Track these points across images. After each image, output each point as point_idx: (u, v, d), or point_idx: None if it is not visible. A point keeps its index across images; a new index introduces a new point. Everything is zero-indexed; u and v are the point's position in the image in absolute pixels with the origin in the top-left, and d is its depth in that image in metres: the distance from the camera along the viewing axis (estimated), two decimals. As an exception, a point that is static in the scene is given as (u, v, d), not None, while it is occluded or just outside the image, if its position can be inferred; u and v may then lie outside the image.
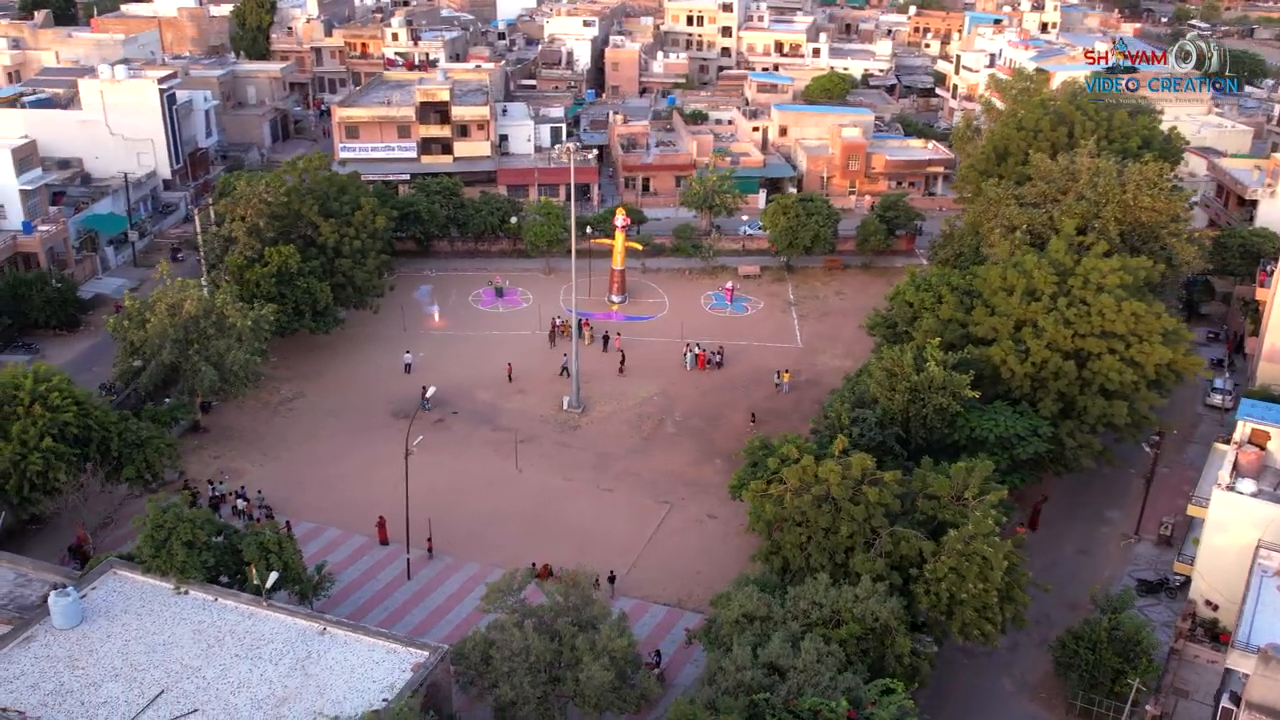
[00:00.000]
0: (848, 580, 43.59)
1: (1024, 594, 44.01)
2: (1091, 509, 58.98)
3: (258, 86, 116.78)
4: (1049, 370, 54.94)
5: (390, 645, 40.84)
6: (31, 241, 76.01)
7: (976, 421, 53.91)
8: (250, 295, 67.72)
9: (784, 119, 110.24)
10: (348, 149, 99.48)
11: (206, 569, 44.17)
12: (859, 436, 52.58)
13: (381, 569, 52.91)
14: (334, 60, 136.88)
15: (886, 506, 44.70)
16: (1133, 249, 64.13)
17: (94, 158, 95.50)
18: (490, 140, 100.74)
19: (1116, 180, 63.24)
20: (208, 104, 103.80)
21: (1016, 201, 66.86)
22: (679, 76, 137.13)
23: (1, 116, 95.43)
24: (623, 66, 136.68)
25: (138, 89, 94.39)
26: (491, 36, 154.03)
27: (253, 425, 65.33)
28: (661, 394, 69.94)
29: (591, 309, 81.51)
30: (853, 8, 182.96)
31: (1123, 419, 54.36)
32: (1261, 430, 49.60)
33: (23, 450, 49.36)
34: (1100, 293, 54.98)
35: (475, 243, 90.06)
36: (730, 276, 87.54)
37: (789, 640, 40.32)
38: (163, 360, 59.58)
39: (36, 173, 79.87)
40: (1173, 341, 55.38)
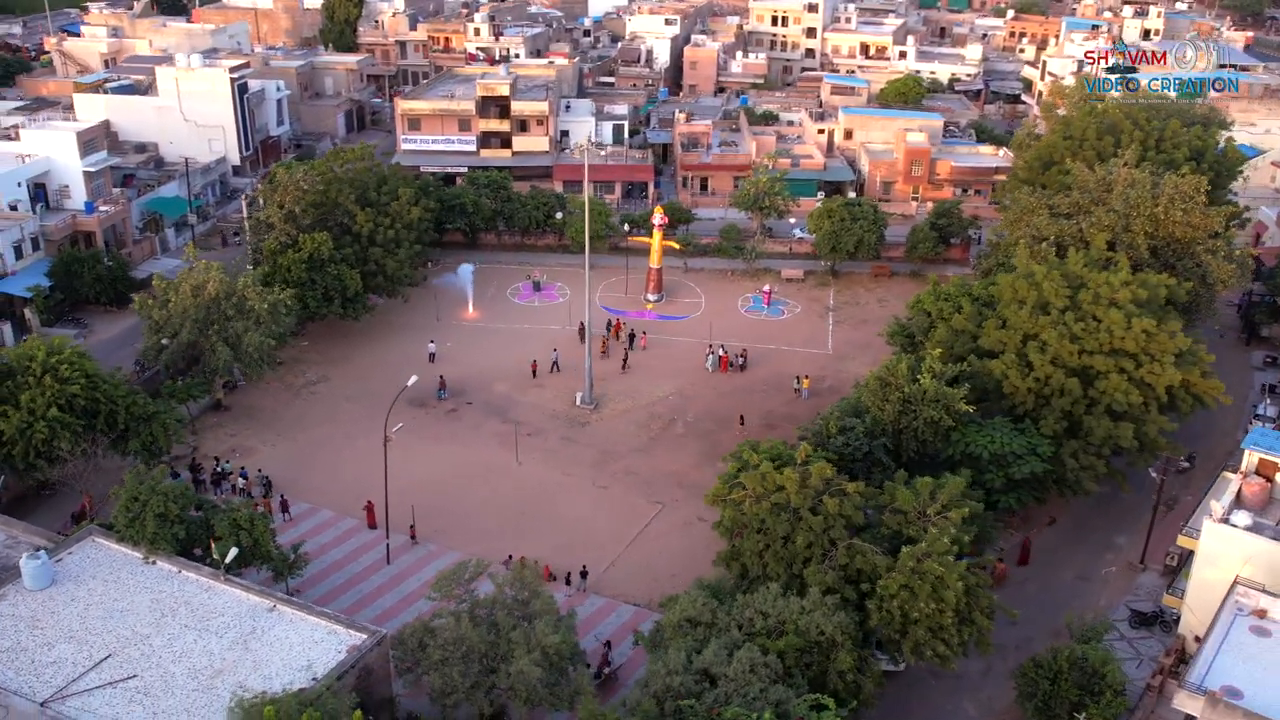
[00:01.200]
0: (802, 591, 42.74)
1: (985, 618, 42.44)
2: (1100, 534, 56.57)
3: (335, 78, 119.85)
4: (1052, 387, 52.90)
5: (332, 626, 41.48)
6: (90, 221, 79.41)
7: (972, 437, 52.25)
8: (282, 279, 69.69)
9: (850, 122, 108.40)
10: (409, 141, 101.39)
11: (178, 541, 45.55)
12: (843, 446, 51.48)
13: (364, 552, 53.82)
14: (418, 54, 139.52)
15: (848, 518, 43.66)
16: (1166, 265, 61.33)
17: (168, 143, 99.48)
18: (549, 135, 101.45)
19: (1148, 192, 60.44)
20: (280, 93, 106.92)
21: (1049, 211, 64.50)
22: (757, 77, 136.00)
23: (85, 101, 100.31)
24: (701, 65, 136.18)
25: (210, 77, 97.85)
26: (577, 33, 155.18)
27: (273, 406, 67.11)
28: (678, 394, 69.53)
29: (626, 307, 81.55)
30: (952, 11, 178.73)
31: (1128, 442, 52.03)
32: (1270, 461, 47.00)
33: (30, 418, 51.62)
34: (1112, 308, 52.68)
35: (522, 237, 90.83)
36: (772, 279, 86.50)
37: (726, 648, 39.75)
38: (182, 339, 61.66)
39: (101, 155, 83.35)
40: (1187, 363, 52.77)
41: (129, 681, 38.72)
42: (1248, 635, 39.39)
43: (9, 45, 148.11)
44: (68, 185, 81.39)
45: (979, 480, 51.96)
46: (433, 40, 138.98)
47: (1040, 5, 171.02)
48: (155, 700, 37.99)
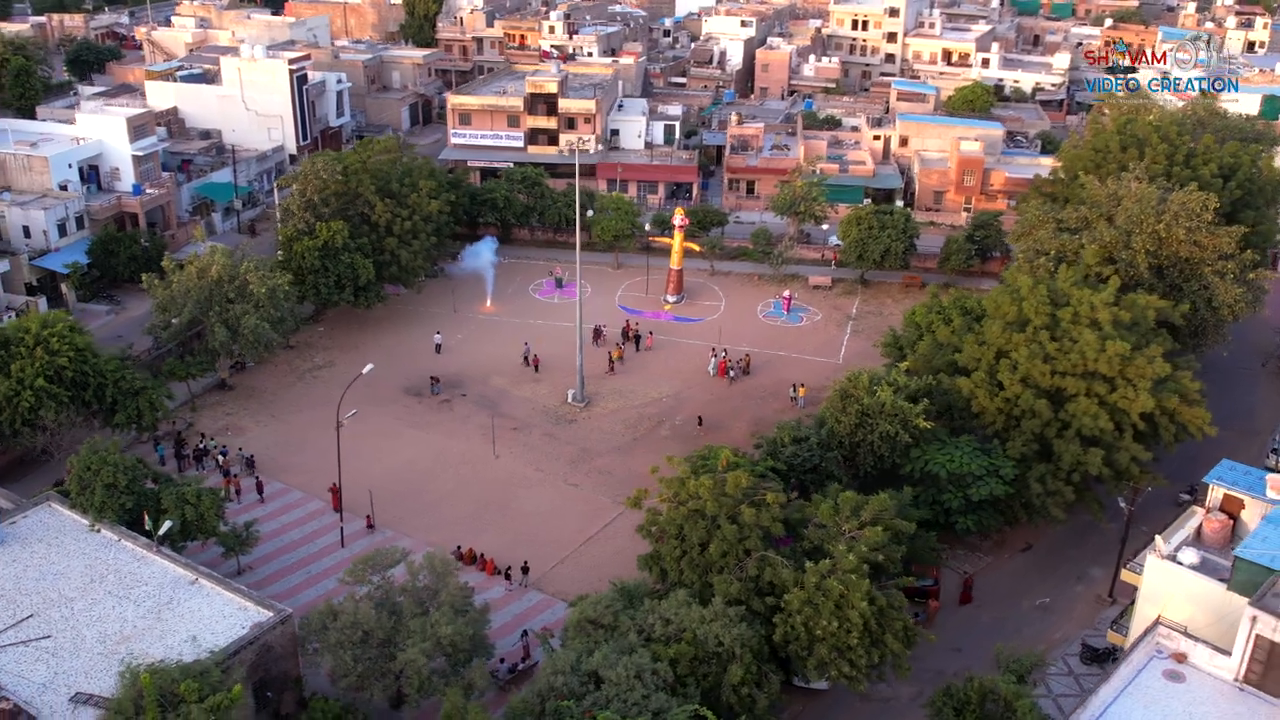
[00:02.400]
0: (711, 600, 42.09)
1: (897, 640, 41.06)
2: (1074, 564, 54.23)
3: (402, 72, 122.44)
4: (1021, 408, 50.91)
5: (244, 603, 42.51)
6: (133, 202, 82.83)
7: (931, 455, 50.77)
8: (297, 265, 71.67)
9: (905, 128, 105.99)
10: (459, 135, 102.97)
11: (125, 511, 47.27)
12: (792, 456, 50.55)
13: (323, 534, 54.94)
14: (494, 50, 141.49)
15: (765, 529, 42.79)
16: (1172, 286, 58.38)
17: (231, 130, 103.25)
18: (596, 134, 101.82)
19: (1151, 208, 57.56)
20: (340, 85, 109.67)
21: (1057, 225, 62.04)
22: (829, 81, 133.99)
23: (156, 88, 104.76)
24: (773, 68, 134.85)
25: (271, 68, 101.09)
26: (657, 33, 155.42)
27: (274, 388, 68.98)
28: (673, 397, 69.10)
29: (644, 307, 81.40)
30: (1050, 19, 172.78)
31: (1097, 468, 49.74)
32: (1235, 498, 44.41)
33: (18, 387, 54.20)
34: (1087, 329, 50.42)
35: (554, 233, 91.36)
36: (798, 285, 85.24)
37: (619, 651, 39.42)
38: (183, 319, 63.93)
39: (151, 140, 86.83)
40: (1168, 390, 50.12)
41: (42, 641, 40.38)
42: (1159, 680, 37.32)
43: (115, 34, 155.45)
44: (118, 168, 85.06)
45: (937, 500, 50.55)
46: (508, 37, 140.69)
47: (1143, 15, 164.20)
48: (61, 661, 39.55)
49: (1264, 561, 39.42)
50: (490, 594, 51.20)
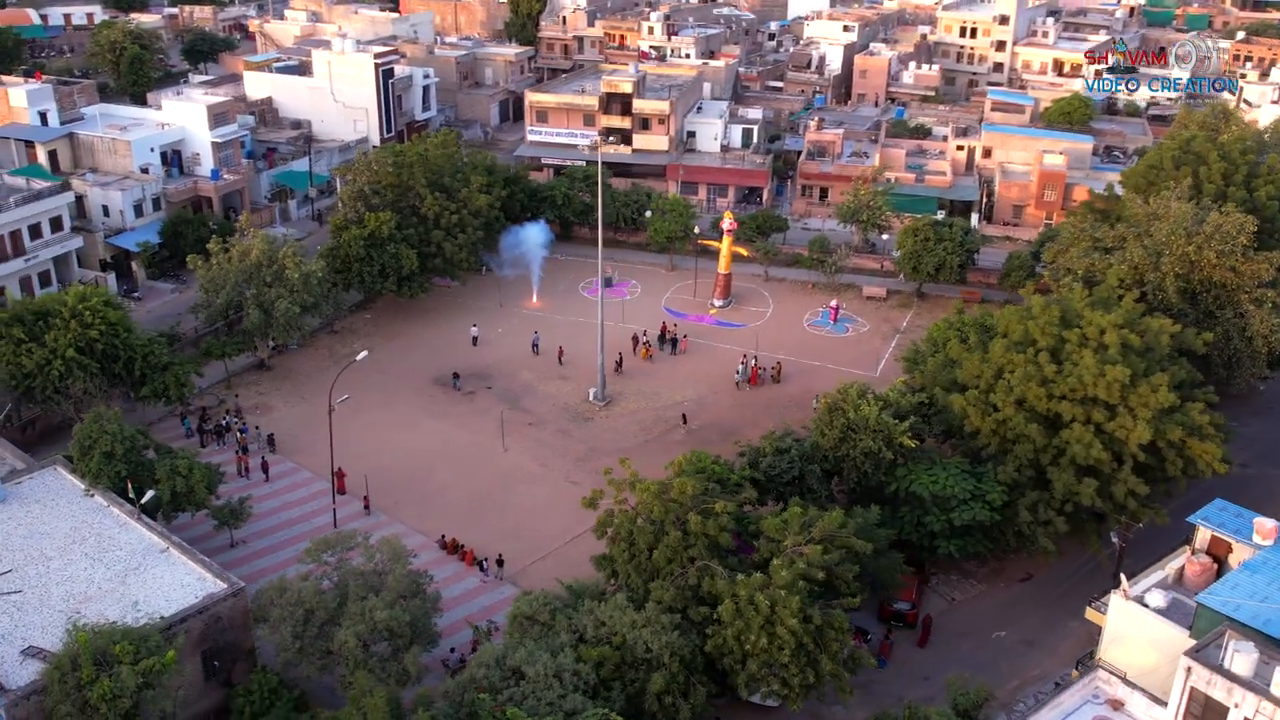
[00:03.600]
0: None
1: (833, 662, 39.91)
2: (1073, 598, 51.28)
3: (494, 68, 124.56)
4: (1013, 430, 48.84)
5: (204, 574, 44.09)
6: (208, 187, 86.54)
7: (918, 475, 49.15)
8: (344, 254, 73.82)
9: (990, 139, 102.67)
10: (535, 132, 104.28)
11: (120, 478, 49.49)
12: (770, 468, 49.65)
13: (320, 515, 56.32)
14: (594, 50, 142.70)
15: (711, 538, 42.16)
16: (1206, 313, 55.06)
17: (320, 121, 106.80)
18: (669, 135, 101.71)
19: (1183, 229, 54.36)
20: (427, 80, 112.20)
21: (1092, 243, 59.24)
22: (928, 89, 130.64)
23: (254, 79, 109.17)
24: (871, 74, 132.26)
25: (357, 62, 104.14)
26: (762, 36, 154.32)
27: (310, 370, 71.06)
28: (695, 401, 68.59)
29: (690, 310, 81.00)
30: (1181, 30, 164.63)
31: (1090, 499, 47.35)
32: (1222, 540, 41.80)
33: (50, 356, 57.33)
34: (1087, 352, 48.00)
35: (614, 232, 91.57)
36: (852, 295, 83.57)
37: (546, 650, 39.48)
38: (221, 300, 66.56)
39: (230, 128, 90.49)
40: (1172, 422, 47.29)
41: (12, 595, 42.68)
42: (1091, 727, 35.42)
43: (241, 26, 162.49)
44: (198, 153, 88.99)
45: (921, 522, 48.99)
46: (608, 37, 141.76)
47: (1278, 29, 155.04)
48: (25, 615, 41.73)
49: (1226, 610, 37.08)
50: (465, 584, 51.95)
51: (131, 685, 36.94)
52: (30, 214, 74.22)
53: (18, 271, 73.63)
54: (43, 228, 75.38)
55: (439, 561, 53.38)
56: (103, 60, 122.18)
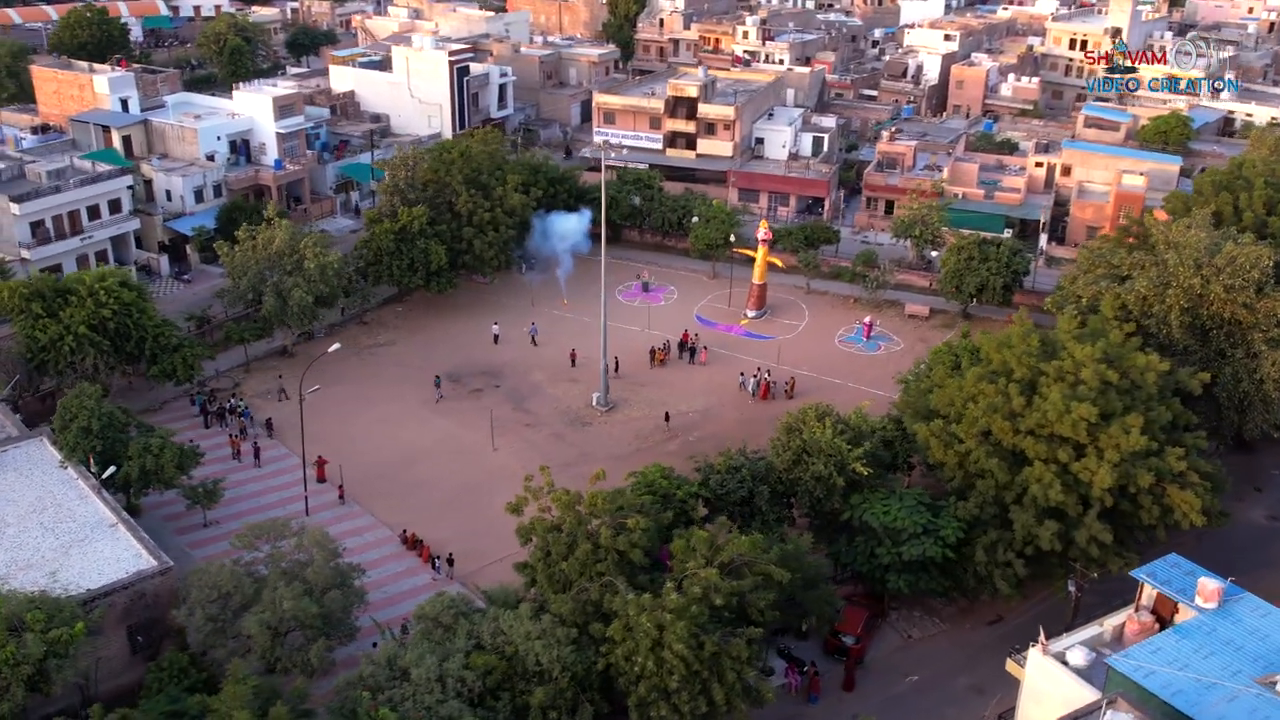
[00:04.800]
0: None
1: (724, 691, 38.45)
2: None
3: (578, 69, 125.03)
4: (974, 465, 46.31)
5: (141, 551, 45.37)
6: (267, 176, 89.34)
7: (872, 504, 47.11)
8: (376, 247, 75.24)
9: (1069, 157, 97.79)
10: (601, 133, 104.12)
11: (95, 453, 51.44)
12: (719, 486, 48.33)
13: (296, 501, 57.29)
14: (689, 53, 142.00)
15: (622, 553, 41.20)
16: (1218, 351, 51.11)
17: (397, 115, 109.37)
18: (734, 141, 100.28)
19: (1191, 260, 50.50)
20: (504, 79, 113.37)
21: (1108, 270, 55.73)
22: (1026, 102, 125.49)
23: (338, 72, 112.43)
24: (968, 85, 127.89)
25: (433, 59, 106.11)
26: (865, 43, 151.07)
27: (330, 359, 71.55)
28: (701, 412, 67.37)
29: (722, 319, 79.67)
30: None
31: (1049, 543, 44.53)
32: (1168, 601, 38.72)
33: (63, 332, 60.02)
34: (1076, 385, 45.15)
35: (662, 237, 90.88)
36: (894, 312, 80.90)
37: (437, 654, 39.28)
38: (242, 286, 68.59)
39: (297, 119, 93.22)
40: (1143, 467, 44.02)
41: (-38, 558, 44.80)
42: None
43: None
44: (265, 143, 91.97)
45: (873, 553, 46.98)
46: (703, 40, 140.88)
47: None
48: (-34, 579, 43.70)
49: (1136, 676, 34.34)
50: (416, 581, 52.13)
51: (36, 653, 38.18)
52: (88, 195, 77.87)
53: (74, 250, 77.33)
54: (101, 209, 78.99)
55: (396, 556, 53.83)
56: (209, 51, 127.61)
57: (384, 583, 51.43)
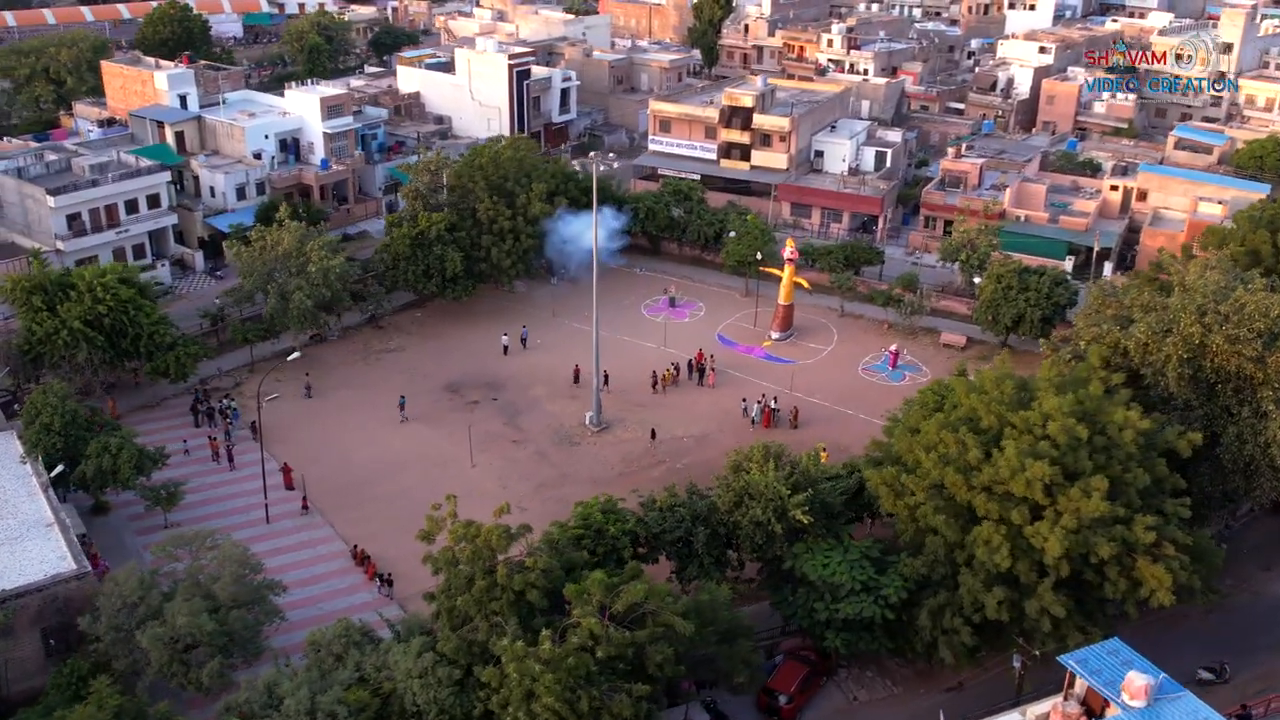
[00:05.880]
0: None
1: (605, 752, 36.12)
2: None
3: (649, 74, 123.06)
4: (924, 519, 42.73)
5: (66, 555, 45.27)
6: (310, 175, 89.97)
7: (817, 555, 44.00)
8: (394, 252, 74.81)
9: (1145, 181, 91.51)
10: (656, 141, 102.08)
11: (56, 450, 51.92)
12: (653, 524, 45.85)
13: (259, 508, 56.77)
14: (773, 60, 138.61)
15: (518, 593, 39.13)
16: (1225, 408, 46.14)
17: (459, 117, 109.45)
18: (789, 153, 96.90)
19: (1193, 305, 45.58)
20: (566, 83, 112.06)
21: (1118, 312, 51.06)
22: (1120, 120, 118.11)
23: (405, 73, 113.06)
24: (1059, 101, 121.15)
25: (493, 62, 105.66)
26: (960, 54, 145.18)
27: (337, 362, 72.28)
28: (696, 437, 64.70)
29: (744, 340, 76.70)
30: None
31: (994, 613, 40.74)
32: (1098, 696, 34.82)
33: (59, 326, 60.99)
34: (1043, 441, 41.23)
35: (700, 250, 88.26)
36: (928, 340, 76.74)
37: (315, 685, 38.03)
38: (246, 286, 68.83)
39: (345, 120, 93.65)
40: (1102, 536, 39.80)
41: (-100, 549, 45.46)
42: None
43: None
44: (313, 143, 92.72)
45: (812, 608, 43.88)
46: (787, 48, 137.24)
47: None
48: (-107, 571, 44.31)
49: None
50: (356, 599, 51.06)
51: (-70, 650, 38.37)
52: (126, 190, 79.50)
53: (110, 242, 79.04)
54: (139, 203, 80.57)
55: (342, 572, 52.93)
56: (293, 49, 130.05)
57: (322, 599, 50.56)
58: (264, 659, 43.75)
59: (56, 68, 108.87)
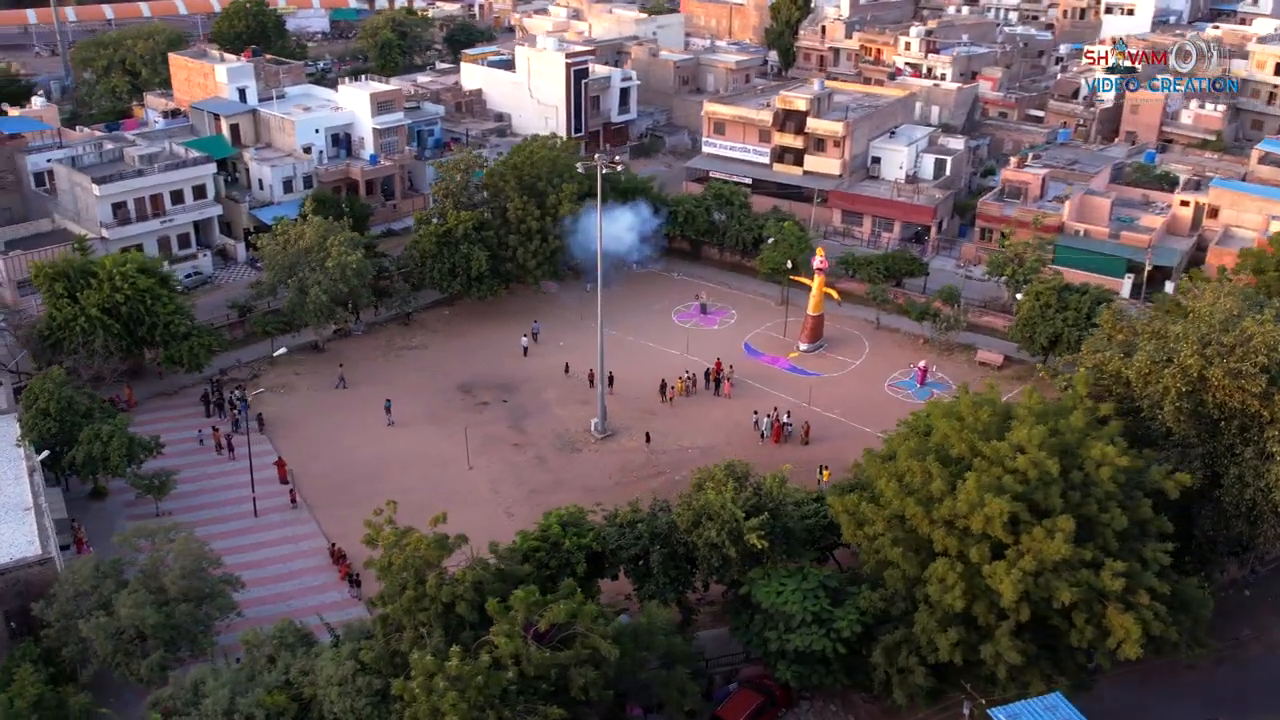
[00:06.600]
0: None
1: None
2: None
3: (715, 75, 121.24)
4: (883, 551, 40.60)
5: (35, 540, 46.05)
6: (356, 171, 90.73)
7: (773, 583, 42.24)
8: (421, 249, 74.93)
9: (1216, 197, 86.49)
10: (710, 144, 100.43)
11: (50, 435, 53.06)
12: (608, 540, 44.60)
13: (249, 501, 57.08)
14: (849, 63, 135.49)
15: (446, 604, 38.32)
16: (1227, 448, 42.78)
17: (518, 115, 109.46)
18: (843, 159, 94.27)
19: (1196, 335, 42.24)
20: (626, 83, 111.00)
21: (1129, 337, 47.87)
22: (1208, 133, 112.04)
23: (469, 70, 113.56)
24: (1143, 112, 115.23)
25: (552, 60, 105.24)
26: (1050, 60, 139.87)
27: (358, 358, 72.48)
28: (701, 449, 63.04)
29: (770, 350, 74.77)
30: None
31: (947, 654, 38.45)
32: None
33: (77, 313, 62.42)
34: (972, 475, 38.84)
35: (741, 256, 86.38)
36: (963, 358, 73.71)
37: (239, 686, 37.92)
38: (267, 280, 69.59)
39: (395, 116, 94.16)
40: (1067, 581, 37.18)
41: (-117, 525, 46.88)
42: None
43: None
44: (363, 138, 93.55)
45: (764, 637, 42.17)
46: (864, 50, 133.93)
47: None
48: None
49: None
50: (325, 598, 50.89)
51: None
52: (171, 180, 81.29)
53: (155, 231, 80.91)
54: (184, 194, 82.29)
55: (321, 569, 52.87)
56: (368, 44, 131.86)
57: (292, 596, 50.55)
58: (220, 654, 43.93)
59: (133, 60, 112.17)
